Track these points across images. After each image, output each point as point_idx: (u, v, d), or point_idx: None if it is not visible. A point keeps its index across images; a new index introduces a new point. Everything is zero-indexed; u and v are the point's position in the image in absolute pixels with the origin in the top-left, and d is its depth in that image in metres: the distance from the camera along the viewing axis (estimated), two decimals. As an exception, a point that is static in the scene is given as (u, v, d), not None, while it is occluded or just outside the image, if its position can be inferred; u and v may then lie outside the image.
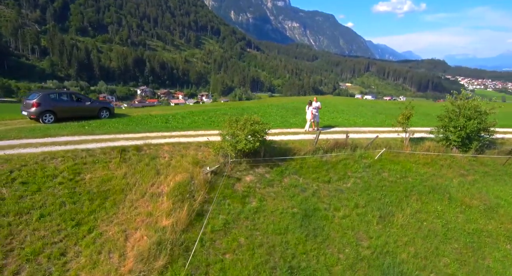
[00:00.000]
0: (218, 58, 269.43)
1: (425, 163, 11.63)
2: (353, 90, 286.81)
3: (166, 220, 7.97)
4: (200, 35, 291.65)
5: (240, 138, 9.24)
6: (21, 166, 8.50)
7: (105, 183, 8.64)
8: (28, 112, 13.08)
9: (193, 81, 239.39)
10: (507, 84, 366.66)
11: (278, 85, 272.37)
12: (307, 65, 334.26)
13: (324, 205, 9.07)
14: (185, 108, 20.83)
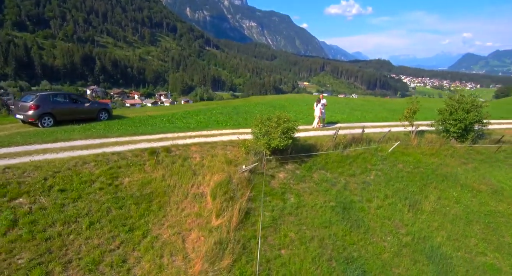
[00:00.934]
0: (176, 56, 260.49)
1: (431, 154, 12.88)
2: (310, 88, 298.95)
3: (216, 220, 7.96)
4: (155, 32, 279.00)
5: (274, 135, 9.47)
6: (54, 172, 7.77)
7: (146, 186, 8.31)
8: (24, 115, 11.68)
9: (150, 80, 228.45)
10: (442, 82, 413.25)
11: (240, 84, 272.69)
12: (267, 64, 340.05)
13: (357, 197, 9.72)
14: (177, 108, 20.14)
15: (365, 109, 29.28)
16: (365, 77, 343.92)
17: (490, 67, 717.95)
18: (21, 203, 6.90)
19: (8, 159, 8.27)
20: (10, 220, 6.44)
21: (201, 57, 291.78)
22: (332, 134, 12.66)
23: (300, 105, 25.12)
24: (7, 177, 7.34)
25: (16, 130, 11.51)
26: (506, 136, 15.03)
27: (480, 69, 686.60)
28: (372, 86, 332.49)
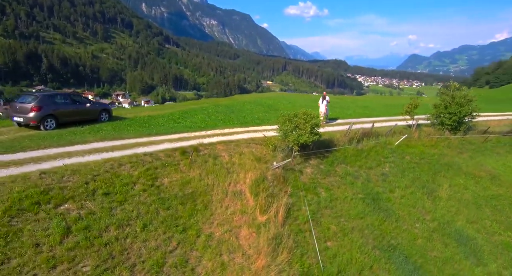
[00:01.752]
0: (133, 54, 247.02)
1: (431, 145, 14.07)
2: (274, 87, 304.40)
3: (262, 216, 8.09)
4: (108, 28, 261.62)
5: (303, 131, 9.81)
6: (94, 176, 7.29)
7: (186, 186, 8.17)
8: (24, 118, 10.46)
9: (105, 79, 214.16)
10: (392, 81, 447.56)
11: (203, 83, 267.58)
12: (230, 63, 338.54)
13: (380, 188, 10.39)
14: (169, 108, 19.35)
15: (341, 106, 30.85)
16: (324, 76, 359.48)
17: (433, 66, 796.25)
18: (68, 209, 6.43)
19: (33, 164, 7.56)
20: (63, 228, 6.00)
21: (161, 55, 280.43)
22: (339, 129, 13.33)
23: (284, 103, 25.75)
24: (47, 182, 6.75)
25: (16, 134, 10.29)
26: (491, 127, 16.97)
27: (424, 69, 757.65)
28: (331, 85, 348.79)
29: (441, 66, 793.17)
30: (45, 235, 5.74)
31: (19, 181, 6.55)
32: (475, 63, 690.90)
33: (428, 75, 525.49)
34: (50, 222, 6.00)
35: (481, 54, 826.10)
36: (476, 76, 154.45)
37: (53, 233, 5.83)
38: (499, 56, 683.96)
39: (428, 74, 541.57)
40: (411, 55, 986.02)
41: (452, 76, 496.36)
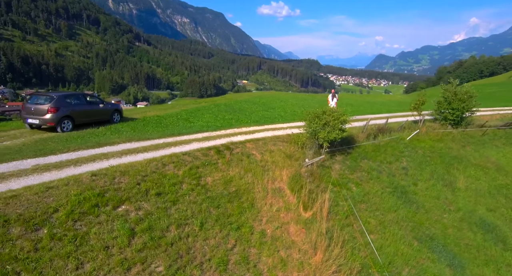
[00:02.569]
0: (101, 52, 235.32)
1: (437, 140, 14.74)
2: (250, 86, 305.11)
3: (305, 212, 8.08)
4: (73, 25, 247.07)
5: (331, 129, 9.90)
6: (143, 177, 7.08)
7: (229, 184, 8.17)
8: (41, 119, 9.74)
9: (71, 78, 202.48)
10: (362, 80, 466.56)
11: (177, 82, 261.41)
12: (205, 62, 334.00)
13: (404, 182, 10.81)
14: (173, 108, 18.80)
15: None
16: (298, 75, 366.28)
17: (398, 66, 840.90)
18: (127, 210, 6.25)
19: (74, 167, 7.19)
20: (128, 229, 5.85)
21: (131, 53, 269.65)
22: (353, 126, 13.39)
23: (277, 102, 26.13)
24: (101, 184, 6.49)
25: (32, 136, 9.58)
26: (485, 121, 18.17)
27: (390, 68, 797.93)
28: (305, 84, 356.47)
29: (405, 66, 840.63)
30: (112, 238, 5.57)
31: (72, 184, 6.24)
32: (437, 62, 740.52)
33: (394, 74, 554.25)
34: (113, 224, 5.83)
35: (441, 54, 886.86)
36: (439, 75, 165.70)
37: (120, 235, 5.68)
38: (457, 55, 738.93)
39: (394, 73, 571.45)
40: (378, 55, 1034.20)
41: (416, 75, 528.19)
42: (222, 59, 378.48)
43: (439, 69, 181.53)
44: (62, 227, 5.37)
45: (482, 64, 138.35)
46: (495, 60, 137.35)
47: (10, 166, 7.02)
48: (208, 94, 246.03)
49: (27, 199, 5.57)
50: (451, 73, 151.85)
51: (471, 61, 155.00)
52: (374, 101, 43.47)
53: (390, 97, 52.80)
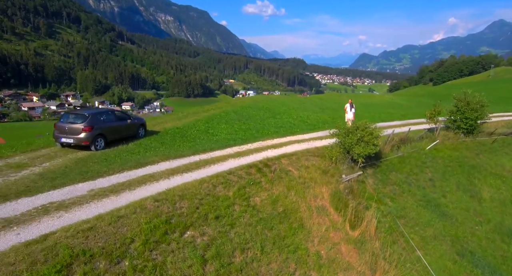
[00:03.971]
0: (83, 51, 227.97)
1: (452, 149, 15.17)
2: (237, 86, 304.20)
3: (353, 231, 8.38)
4: (53, 23, 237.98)
5: (365, 144, 10.11)
6: (199, 200, 7.20)
7: (276, 204, 8.31)
8: (75, 138, 9.53)
9: (52, 78, 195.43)
10: (346, 78, 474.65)
11: (163, 82, 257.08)
12: (190, 61, 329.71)
13: (433, 194, 11.22)
14: (181, 118, 18.48)
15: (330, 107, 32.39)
16: (285, 75, 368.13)
17: (381, 65, 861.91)
18: (193, 236, 6.37)
19: (129, 191, 7.23)
20: (199, 257, 5.99)
21: (114, 53, 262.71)
22: (386, 134, 13.38)
23: (279, 107, 26.22)
24: (166, 211, 6.58)
25: (67, 156, 9.37)
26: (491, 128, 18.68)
27: (373, 67, 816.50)
28: (291, 83, 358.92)
29: (388, 64, 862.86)
30: (188, 266, 5.65)
31: (139, 211, 6.27)
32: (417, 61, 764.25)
33: (377, 73, 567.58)
34: (185, 251, 5.93)
35: (422, 53, 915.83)
36: (421, 74, 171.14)
37: (194, 263, 5.77)
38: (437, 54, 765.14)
39: (377, 72, 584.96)
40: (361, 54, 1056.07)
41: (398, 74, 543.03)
42: (208, 58, 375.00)
43: (421, 68, 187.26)
44: (141, 257, 5.45)
45: (462, 63, 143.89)
46: (474, 60, 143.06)
47: (66, 193, 6.96)
48: (195, 94, 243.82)
49: (103, 230, 5.61)
50: (432, 72, 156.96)
51: (451, 60, 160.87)
52: (368, 102, 44.31)
53: (381, 98, 54.08)
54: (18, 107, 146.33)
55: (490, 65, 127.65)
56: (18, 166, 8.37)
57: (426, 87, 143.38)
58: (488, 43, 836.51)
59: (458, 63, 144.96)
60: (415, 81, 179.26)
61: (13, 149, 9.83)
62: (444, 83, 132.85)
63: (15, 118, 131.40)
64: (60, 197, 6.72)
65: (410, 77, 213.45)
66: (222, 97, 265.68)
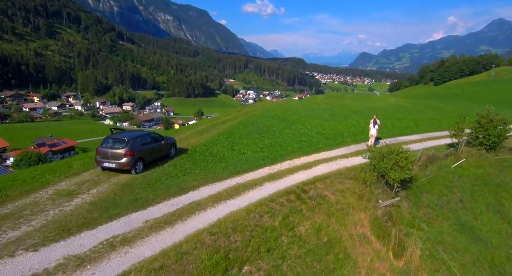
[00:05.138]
0: (83, 51, 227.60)
1: (476, 166, 15.04)
2: (237, 86, 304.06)
3: (397, 260, 8.47)
4: (53, 23, 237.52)
5: (400, 169, 10.18)
6: (250, 232, 7.46)
7: (320, 233, 8.44)
8: (117, 163, 9.81)
9: (52, 79, 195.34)
10: (346, 78, 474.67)
11: (163, 81, 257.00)
12: (190, 61, 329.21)
13: (466, 217, 11.30)
14: (201, 133, 18.48)
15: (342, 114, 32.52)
16: (285, 74, 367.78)
17: (380, 64, 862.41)
18: (250, 271, 6.58)
19: (181, 222, 7.53)
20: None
21: (115, 53, 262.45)
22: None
23: (291, 114, 26.27)
24: (222, 245, 6.87)
25: (110, 180, 9.55)
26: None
27: (373, 66, 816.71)
28: (291, 83, 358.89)
29: (387, 63, 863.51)
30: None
31: (199, 247, 6.54)
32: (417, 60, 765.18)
33: (377, 72, 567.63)
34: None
35: (421, 52, 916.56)
36: (422, 74, 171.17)
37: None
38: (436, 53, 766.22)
39: (377, 71, 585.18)
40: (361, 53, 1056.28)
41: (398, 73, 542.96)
42: (208, 58, 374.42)
43: (421, 68, 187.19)
44: (210, 297, 5.72)
45: (463, 63, 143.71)
46: (475, 59, 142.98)
47: (123, 224, 7.22)
48: (195, 94, 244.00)
49: (172, 269, 5.84)
50: (433, 72, 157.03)
51: (451, 60, 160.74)
52: (372, 106, 44.27)
53: (385, 101, 53.89)
54: (19, 108, 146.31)
55: (491, 65, 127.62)
56: (68, 194, 8.60)
57: (427, 87, 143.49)
58: (488, 42, 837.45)
59: (459, 63, 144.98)
60: (416, 81, 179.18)
61: (56, 173, 10.08)
62: (444, 83, 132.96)
63: (16, 119, 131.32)
64: (120, 230, 7.00)
65: (411, 77, 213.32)
66: (223, 96, 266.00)
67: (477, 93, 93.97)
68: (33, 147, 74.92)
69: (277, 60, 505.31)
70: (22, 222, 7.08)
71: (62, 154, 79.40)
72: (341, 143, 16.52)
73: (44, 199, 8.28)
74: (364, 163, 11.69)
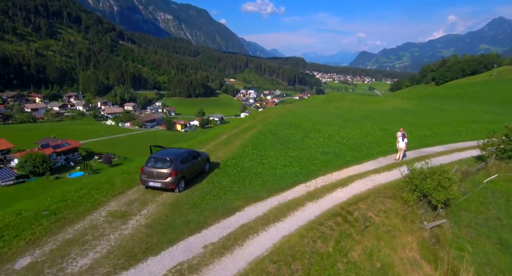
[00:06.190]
0: (84, 51, 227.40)
1: (506, 180, 14.82)
2: (237, 85, 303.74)
3: None
4: (53, 23, 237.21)
5: (443, 189, 10.23)
6: (308, 259, 7.64)
7: (372, 258, 8.46)
8: (162, 183, 10.03)
9: (54, 79, 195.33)
10: (346, 77, 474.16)
11: (164, 81, 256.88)
12: (191, 61, 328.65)
13: (505, 235, 11.35)
14: (224, 144, 18.65)
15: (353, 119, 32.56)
16: (285, 74, 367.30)
17: (380, 63, 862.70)
18: None
19: (239, 247, 7.74)
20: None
21: (115, 53, 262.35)
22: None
23: (305, 121, 26.29)
24: (287, 274, 7.06)
25: (156, 199, 9.58)
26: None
27: (373, 65, 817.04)
28: (292, 82, 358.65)
29: (387, 62, 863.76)
30: None
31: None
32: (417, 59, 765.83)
33: (377, 71, 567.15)
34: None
35: (421, 50, 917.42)
36: (423, 73, 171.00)
37: None
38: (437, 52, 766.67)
39: (377, 70, 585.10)
40: (361, 52, 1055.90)
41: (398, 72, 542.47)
42: (208, 58, 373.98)
43: (422, 67, 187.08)
44: None
45: (464, 62, 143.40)
46: (476, 59, 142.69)
47: (184, 250, 7.26)
48: (196, 94, 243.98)
49: None
50: (434, 71, 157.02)
51: (453, 59, 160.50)
52: (377, 109, 43.71)
53: (389, 103, 53.21)
54: (21, 109, 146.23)
55: (492, 65, 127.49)
56: (122, 216, 8.68)
57: (429, 86, 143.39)
58: (488, 40, 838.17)
59: (460, 62, 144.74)
60: (417, 80, 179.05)
61: (103, 192, 10.25)
62: (446, 83, 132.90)
63: (19, 119, 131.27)
64: (183, 256, 7.13)
65: (412, 76, 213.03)
66: (223, 96, 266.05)
67: (478, 93, 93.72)
68: (37, 149, 74.96)
69: (277, 60, 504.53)
70: (88, 248, 7.26)
71: (66, 155, 79.33)
72: (367, 155, 16.63)
73: (101, 222, 8.44)
74: (402, 181, 11.65)
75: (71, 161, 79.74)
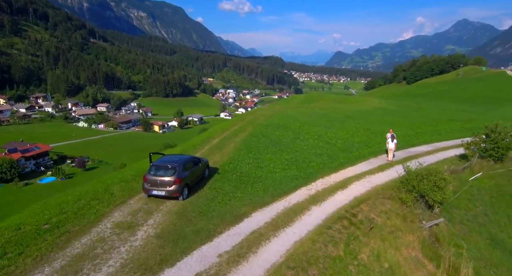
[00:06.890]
0: (52, 50, 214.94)
1: (488, 177, 15.58)
2: (216, 85, 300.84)
3: None
4: (18, 20, 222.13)
5: (440, 190, 10.55)
6: (323, 264, 7.80)
7: (380, 259, 8.66)
8: (167, 191, 9.69)
9: (19, 79, 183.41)
10: (323, 76, 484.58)
11: (139, 81, 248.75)
12: (167, 60, 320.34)
13: (493, 230, 11.96)
14: (219, 148, 18.37)
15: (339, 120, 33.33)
16: (264, 73, 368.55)
17: (354, 63, 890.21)
18: None
19: (254, 255, 7.69)
20: None
21: (86, 51, 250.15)
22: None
23: (293, 122, 26.59)
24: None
25: (160, 208, 9.24)
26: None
27: (347, 65, 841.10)
28: (270, 82, 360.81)
29: (361, 62, 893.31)
30: None
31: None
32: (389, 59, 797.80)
33: (352, 70, 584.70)
34: None
35: (392, 51, 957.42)
36: (395, 73, 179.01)
37: None
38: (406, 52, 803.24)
39: (352, 70, 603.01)
40: (336, 52, 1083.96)
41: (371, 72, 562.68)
42: (186, 56, 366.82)
43: (395, 67, 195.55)
44: None
45: (433, 62, 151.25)
46: (444, 59, 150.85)
47: (200, 260, 6.89)
48: (174, 94, 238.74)
49: None
50: (406, 71, 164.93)
51: (422, 60, 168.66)
52: (359, 110, 45.14)
53: (369, 104, 54.94)
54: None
55: (459, 65, 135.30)
56: (129, 227, 8.28)
57: (401, 86, 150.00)
58: (453, 41, 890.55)
59: (429, 62, 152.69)
60: (390, 80, 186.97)
61: (104, 203, 9.80)
62: (416, 82, 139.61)
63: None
64: (200, 267, 6.97)
65: (385, 76, 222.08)
66: (202, 96, 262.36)
67: (446, 92, 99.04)
68: (4, 153, 69.98)
69: (256, 59, 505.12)
70: (100, 263, 6.94)
71: (35, 159, 74.54)
72: (359, 156, 17.11)
73: (108, 234, 8.08)
74: (399, 182, 12.05)
75: (41, 166, 75.25)
